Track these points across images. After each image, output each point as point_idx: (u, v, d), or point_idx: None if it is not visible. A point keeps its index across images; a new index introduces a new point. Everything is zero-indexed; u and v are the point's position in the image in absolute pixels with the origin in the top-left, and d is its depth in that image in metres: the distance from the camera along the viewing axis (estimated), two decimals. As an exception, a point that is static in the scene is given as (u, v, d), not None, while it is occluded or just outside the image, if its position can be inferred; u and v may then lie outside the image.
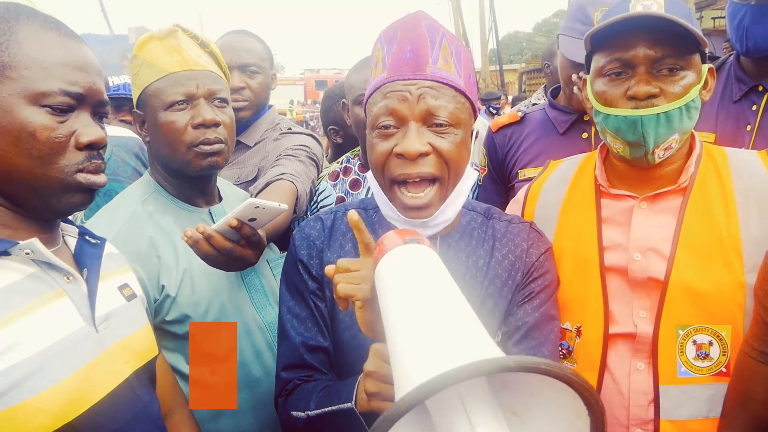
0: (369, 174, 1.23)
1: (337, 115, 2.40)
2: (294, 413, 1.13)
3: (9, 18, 0.93)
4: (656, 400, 1.23)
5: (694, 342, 1.22)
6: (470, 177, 1.21)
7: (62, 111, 0.93)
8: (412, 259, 0.89)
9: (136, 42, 1.49)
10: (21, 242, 0.91)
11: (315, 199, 1.97)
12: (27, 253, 0.92)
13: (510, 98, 11.84)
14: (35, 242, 0.92)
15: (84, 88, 0.96)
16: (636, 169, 1.30)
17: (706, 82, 1.26)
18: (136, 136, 2.40)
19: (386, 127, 1.12)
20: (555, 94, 2.07)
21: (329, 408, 1.06)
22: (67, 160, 0.94)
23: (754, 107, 1.81)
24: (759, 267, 1.17)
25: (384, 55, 1.16)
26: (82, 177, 0.96)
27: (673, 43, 1.19)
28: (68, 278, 0.98)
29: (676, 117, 1.20)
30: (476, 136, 1.23)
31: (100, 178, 0.99)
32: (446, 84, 1.12)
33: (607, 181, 1.36)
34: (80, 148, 0.95)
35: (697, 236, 1.24)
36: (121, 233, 1.37)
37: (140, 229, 1.41)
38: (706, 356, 1.22)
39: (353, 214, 0.99)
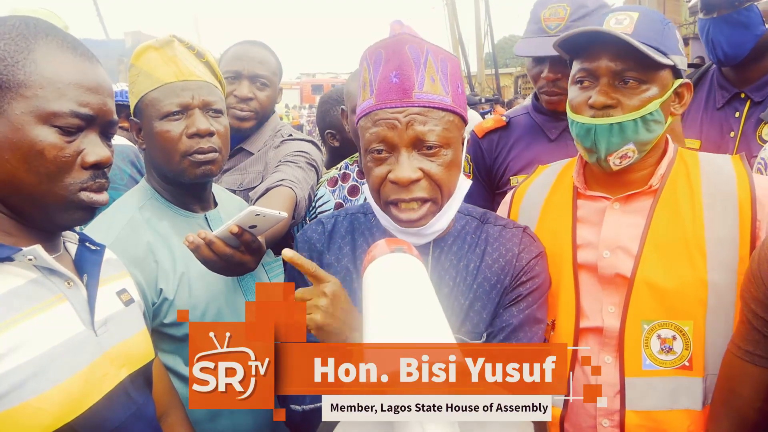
0: (366, 187, 1.28)
1: (334, 119, 2.43)
2: (293, 406, 1.17)
3: (28, 36, 0.94)
4: (622, 392, 1.29)
5: (659, 336, 1.27)
6: (463, 186, 1.26)
7: (70, 132, 0.95)
8: (396, 268, 0.94)
9: (131, 46, 1.53)
10: (24, 249, 0.94)
11: (313, 204, 2.00)
12: (30, 259, 0.94)
13: (505, 102, 11.88)
14: (38, 249, 0.95)
15: (94, 110, 0.98)
16: (609, 173, 1.35)
17: (681, 96, 1.33)
18: (131, 143, 2.43)
19: (379, 152, 1.17)
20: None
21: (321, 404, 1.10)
22: (72, 178, 0.96)
23: (737, 114, 1.86)
24: (722, 265, 1.24)
25: (370, 78, 1.19)
26: (84, 195, 0.98)
27: (634, 58, 1.24)
28: (69, 284, 1.01)
29: (629, 128, 1.27)
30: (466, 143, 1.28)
31: (101, 197, 1.01)
32: (433, 107, 1.16)
33: (584, 184, 1.42)
34: (86, 167, 0.97)
35: (664, 235, 1.30)
36: (119, 238, 1.40)
37: (138, 234, 1.44)
38: (670, 350, 1.27)
39: (287, 252, 1.07)
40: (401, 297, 0.85)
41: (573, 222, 1.40)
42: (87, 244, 1.10)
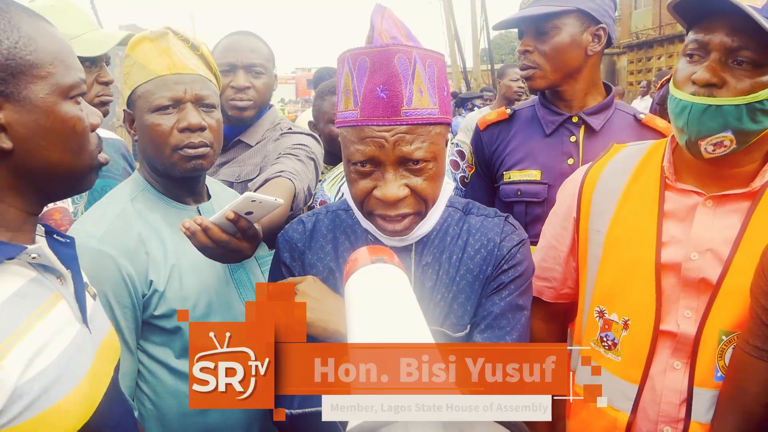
0: (345, 188, 1.28)
1: (315, 111, 2.45)
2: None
3: (9, 15, 0.88)
4: (689, 401, 1.24)
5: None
6: (446, 191, 1.27)
7: (78, 101, 0.95)
8: (376, 280, 0.96)
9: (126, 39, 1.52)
10: (29, 247, 0.91)
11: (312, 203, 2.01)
12: (33, 258, 0.92)
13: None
14: (43, 246, 0.93)
15: (83, 73, 0.97)
16: (706, 164, 1.24)
17: None
18: (119, 138, 2.43)
19: (363, 165, 1.17)
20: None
21: (310, 409, 1.10)
22: (91, 145, 0.97)
23: (573, 138, 1.84)
24: None
25: (354, 87, 1.16)
26: (101, 157, 1.00)
27: (757, 36, 1.10)
28: (61, 280, 0.99)
29: (731, 114, 1.13)
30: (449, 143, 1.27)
31: (103, 156, 1.02)
32: (422, 124, 1.15)
33: (674, 174, 1.30)
34: (93, 130, 0.98)
35: (761, 243, 1.18)
36: (110, 230, 1.40)
37: (129, 225, 1.44)
38: None
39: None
40: (383, 316, 0.86)
41: (659, 216, 1.28)
42: (55, 236, 1.05)
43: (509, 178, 1.91)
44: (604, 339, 1.33)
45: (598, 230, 1.38)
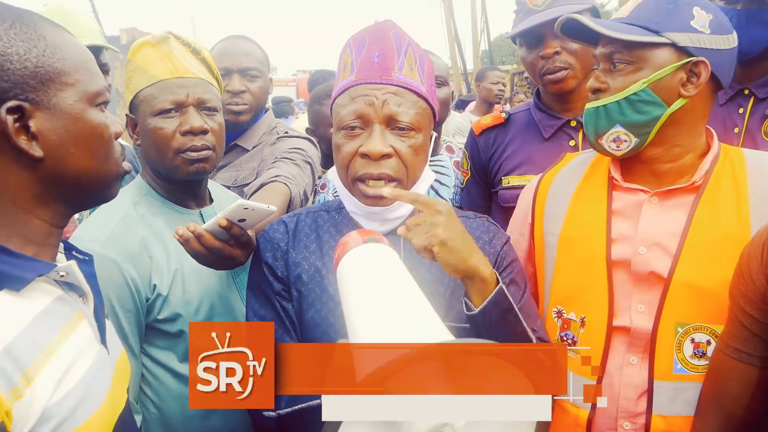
0: (331, 172, 1.30)
1: (312, 116, 2.46)
2: (265, 413, 1.15)
3: (29, 22, 0.88)
4: (649, 395, 1.26)
5: (692, 340, 1.24)
6: (426, 179, 1.29)
7: (102, 108, 0.96)
8: (372, 259, 0.95)
9: (127, 42, 1.52)
10: (60, 264, 0.91)
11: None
12: (62, 276, 0.91)
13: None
14: (73, 265, 0.92)
15: (105, 82, 0.98)
16: (644, 164, 1.32)
17: (698, 75, 1.25)
18: (124, 142, 2.43)
19: (352, 128, 1.21)
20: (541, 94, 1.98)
21: (300, 405, 1.10)
22: (115, 152, 0.97)
23: (741, 110, 1.84)
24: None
25: (353, 60, 1.24)
26: (125, 165, 1.01)
27: (621, 40, 1.25)
28: (83, 299, 0.97)
29: (614, 110, 1.27)
30: (434, 140, 1.30)
31: (127, 164, 1.04)
32: (410, 90, 1.21)
33: (620, 175, 1.36)
34: (116, 138, 0.98)
35: (706, 235, 1.24)
36: (114, 235, 1.41)
37: (132, 230, 1.44)
38: (703, 355, 1.23)
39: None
40: (385, 291, 0.86)
41: (608, 214, 1.35)
42: (74, 253, 1.05)
43: (508, 183, 1.90)
44: (564, 338, 1.36)
45: (552, 233, 1.42)
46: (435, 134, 1.29)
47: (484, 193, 2.02)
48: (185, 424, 1.47)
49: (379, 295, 0.84)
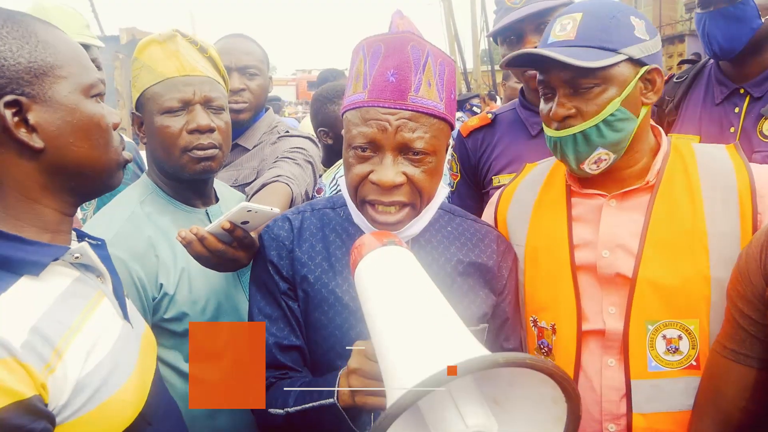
0: (326, 176, 1.29)
1: (326, 117, 2.43)
2: (272, 411, 1.15)
3: (20, 20, 0.92)
4: (628, 395, 1.26)
5: (664, 336, 1.25)
6: (441, 194, 1.27)
7: (99, 100, 0.99)
8: (391, 262, 0.93)
9: (127, 42, 1.52)
10: (72, 247, 0.95)
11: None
12: (76, 257, 0.96)
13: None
14: (86, 246, 0.97)
15: (99, 75, 1.02)
16: (607, 173, 1.32)
17: (653, 82, 1.28)
18: (130, 140, 2.43)
19: (363, 150, 1.16)
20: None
21: (310, 404, 1.09)
22: (114, 141, 1.01)
23: (737, 109, 1.85)
24: (725, 260, 1.21)
25: (366, 71, 1.17)
26: (126, 154, 1.04)
27: (587, 67, 1.22)
28: (101, 279, 1.02)
29: (593, 134, 1.25)
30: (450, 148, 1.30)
31: (128, 153, 1.06)
32: (426, 113, 1.14)
33: (577, 182, 1.38)
34: (114, 129, 1.02)
35: (664, 232, 1.27)
36: (120, 233, 1.40)
37: (139, 229, 1.44)
38: (676, 350, 1.25)
39: None
40: (408, 297, 0.84)
41: (568, 221, 1.36)
42: (86, 239, 1.09)
43: (498, 182, 1.90)
44: (541, 346, 1.37)
45: (518, 244, 1.43)
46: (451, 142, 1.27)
47: (474, 193, 2.03)
48: (191, 423, 1.45)
49: (403, 301, 0.83)
